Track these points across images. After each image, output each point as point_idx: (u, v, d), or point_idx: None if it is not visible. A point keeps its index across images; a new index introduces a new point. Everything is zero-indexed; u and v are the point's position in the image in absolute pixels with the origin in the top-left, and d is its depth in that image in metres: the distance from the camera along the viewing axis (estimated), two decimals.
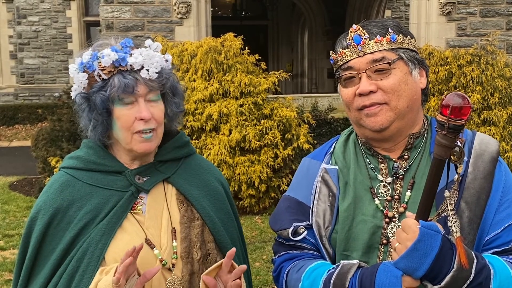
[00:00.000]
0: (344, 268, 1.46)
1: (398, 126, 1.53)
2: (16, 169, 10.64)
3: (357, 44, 1.52)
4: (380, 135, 1.56)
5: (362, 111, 1.53)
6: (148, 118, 1.55)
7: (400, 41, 1.53)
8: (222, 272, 1.55)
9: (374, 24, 1.56)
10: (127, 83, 1.53)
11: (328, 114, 10.99)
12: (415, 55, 1.55)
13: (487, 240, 1.47)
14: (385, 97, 1.50)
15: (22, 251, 1.62)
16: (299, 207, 1.64)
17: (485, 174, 1.48)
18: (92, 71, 1.56)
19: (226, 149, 6.98)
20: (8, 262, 5.57)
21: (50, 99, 17.42)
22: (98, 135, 1.60)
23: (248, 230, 6.62)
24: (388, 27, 1.54)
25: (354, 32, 1.53)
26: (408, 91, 1.51)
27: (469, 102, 1.33)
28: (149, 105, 1.57)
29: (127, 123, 1.56)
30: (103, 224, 1.56)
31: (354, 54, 1.53)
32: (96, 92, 1.55)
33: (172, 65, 1.68)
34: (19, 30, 18.58)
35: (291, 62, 22.85)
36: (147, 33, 10.41)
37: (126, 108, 1.56)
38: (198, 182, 1.72)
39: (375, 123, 1.52)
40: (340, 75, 1.56)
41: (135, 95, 1.55)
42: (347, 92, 1.55)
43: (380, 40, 1.51)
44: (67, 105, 8.77)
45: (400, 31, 1.55)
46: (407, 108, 1.52)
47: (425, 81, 1.58)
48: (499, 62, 7.67)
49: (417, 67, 1.55)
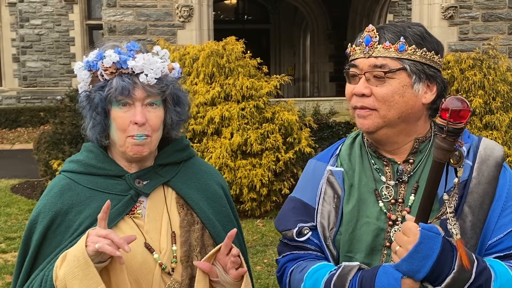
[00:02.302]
0: (345, 269, 1.47)
1: (387, 133, 1.53)
2: (18, 172, 10.65)
3: (366, 45, 1.52)
4: (371, 137, 1.58)
5: (355, 110, 1.55)
6: (141, 122, 1.54)
7: (410, 52, 1.49)
8: (220, 255, 1.56)
9: (391, 28, 1.53)
10: (124, 86, 1.54)
11: (330, 118, 10.98)
12: (425, 69, 1.50)
13: (489, 245, 1.47)
14: (375, 104, 1.50)
15: (22, 253, 1.62)
16: (304, 208, 1.65)
17: (489, 179, 1.48)
18: (95, 70, 1.58)
19: (227, 153, 6.99)
20: (10, 265, 5.56)
21: (53, 102, 17.45)
22: (96, 134, 1.61)
23: (250, 233, 6.61)
24: (402, 36, 1.50)
25: (368, 33, 1.53)
26: (401, 104, 1.49)
27: (468, 105, 1.34)
28: (146, 110, 1.57)
29: (122, 126, 1.56)
30: None
31: (361, 53, 1.53)
32: (95, 91, 1.57)
33: (180, 74, 1.68)
34: (22, 33, 18.63)
35: (293, 65, 22.86)
36: (149, 37, 10.44)
37: (122, 111, 1.56)
38: (198, 186, 1.72)
39: (362, 125, 1.54)
40: (347, 70, 1.58)
41: (132, 98, 1.56)
42: (348, 88, 1.57)
43: (388, 47, 1.50)
44: (69, 108, 8.77)
45: (418, 42, 1.50)
46: (398, 119, 1.51)
47: (433, 96, 1.53)
48: (501, 67, 7.67)
49: (423, 81, 1.51)
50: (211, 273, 1.56)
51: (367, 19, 17.40)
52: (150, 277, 1.57)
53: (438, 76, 1.54)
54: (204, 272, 1.55)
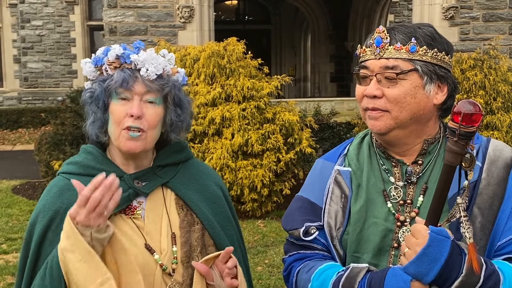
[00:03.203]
0: (353, 271, 1.47)
1: (398, 134, 1.53)
2: (19, 173, 10.65)
3: (377, 46, 1.52)
4: (382, 138, 1.57)
5: (366, 112, 1.54)
6: (137, 115, 1.54)
7: (421, 53, 1.49)
8: (219, 261, 1.58)
9: (402, 29, 1.52)
10: (124, 78, 1.55)
11: (331, 118, 10.99)
12: (436, 70, 1.50)
13: (498, 246, 1.46)
14: (387, 105, 1.50)
15: (24, 255, 1.62)
16: (311, 207, 1.65)
17: (498, 180, 1.48)
18: (101, 65, 1.61)
19: (228, 153, 6.99)
20: (11, 266, 5.57)
21: (54, 103, 17.47)
22: (96, 129, 1.62)
23: (250, 234, 6.61)
24: (413, 37, 1.49)
25: (378, 34, 1.53)
26: (413, 105, 1.49)
27: (480, 109, 1.33)
28: (144, 106, 1.57)
29: (118, 118, 1.57)
30: None
31: (372, 55, 1.53)
32: (97, 83, 1.60)
33: (185, 81, 1.69)
34: (23, 34, 18.65)
35: (294, 66, 22.86)
36: (150, 38, 10.44)
37: (120, 104, 1.57)
38: (197, 187, 1.72)
39: (374, 127, 1.53)
40: (357, 71, 1.57)
41: (131, 92, 1.56)
42: (359, 90, 1.57)
43: (399, 48, 1.49)
44: (70, 109, 8.79)
45: (428, 42, 1.50)
46: (409, 120, 1.51)
47: (444, 97, 1.53)
48: (502, 67, 7.67)
49: (434, 82, 1.50)
50: (208, 276, 1.57)
51: (367, 20, 17.39)
52: (151, 278, 1.57)
53: (449, 76, 1.54)
54: (201, 274, 1.56)
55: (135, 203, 1.64)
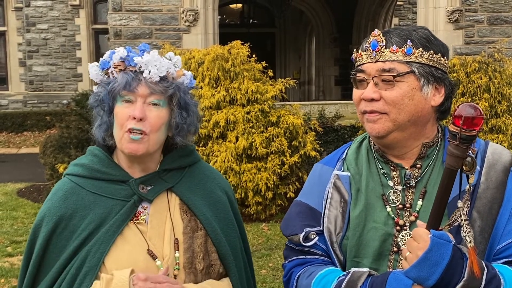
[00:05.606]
0: (354, 275, 1.47)
1: (397, 137, 1.53)
2: (24, 176, 10.68)
3: (373, 49, 1.52)
4: (381, 142, 1.57)
5: (364, 115, 1.54)
6: (139, 117, 1.54)
7: (417, 55, 1.49)
8: None
9: (397, 32, 1.53)
10: (127, 80, 1.56)
11: (335, 122, 10.98)
12: (432, 71, 1.50)
13: (498, 250, 1.46)
14: (385, 108, 1.50)
15: (26, 258, 1.63)
16: (310, 212, 1.64)
17: (497, 184, 1.48)
18: (107, 69, 1.62)
19: (233, 156, 6.99)
20: (16, 268, 5.59)
21: (59, 106, 17.53)
22: (102, 132, 1.63)
23: (255, 237, 6.61)
24: (409, 39, 1.50)
25: (374, 37, 1.53)
26: (411, 107, 1.49)
27: (481, 113, 1.33)
28: (147, 108, 1.57)
29: (121, 120, 1.57)
30: (102, 232, 1.56)
31: (368, 58, 1.53)
32: (102, 86, 1.61)
33: (192, 84, 1.69)
34: (28, 37, 18.72)
35: (298, 69, 22.85)
36: (155, 41, 10.47)
37: (123, 106, 1.57)
38: (202, 192, 1.71)
39: (372, 130, 1.53)
40: (354, 75, 1.57)
41: (135, 94, 1.56)
42: (356, 94, 1.57)
43: (395, 51, 1.50)
44: (75, 112, 8.82)
45: (424, 45, 1.51)
46: (408, 122, 1.51)
47: (441, 99, 1.53)
48: (507, 70, 7.65)
49: (431, 84, 1.51)
50: None
51: (372, 23, 17.39)
52: None
53: (445, 78, 1.54)
54: None
55: (140, 208, 1.63)
